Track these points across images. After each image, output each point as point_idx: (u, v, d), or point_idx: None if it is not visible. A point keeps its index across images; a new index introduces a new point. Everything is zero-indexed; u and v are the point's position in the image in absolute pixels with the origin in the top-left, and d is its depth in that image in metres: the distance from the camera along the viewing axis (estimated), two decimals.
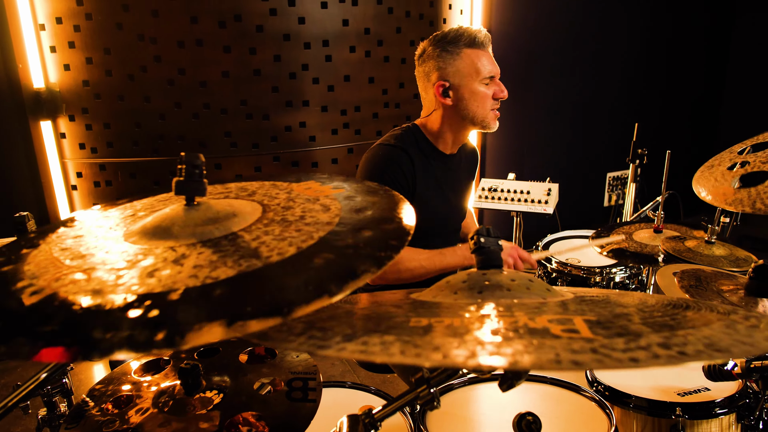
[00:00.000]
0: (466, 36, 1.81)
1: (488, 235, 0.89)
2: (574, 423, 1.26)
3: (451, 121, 1.90)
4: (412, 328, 0.62)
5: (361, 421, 0.86)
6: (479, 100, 1.84)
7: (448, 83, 1.84)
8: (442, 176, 1.97)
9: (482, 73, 1.82)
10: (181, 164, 0.83)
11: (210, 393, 1.23)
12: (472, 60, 1.81)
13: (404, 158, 1.86)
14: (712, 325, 0.63)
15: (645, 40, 4.57)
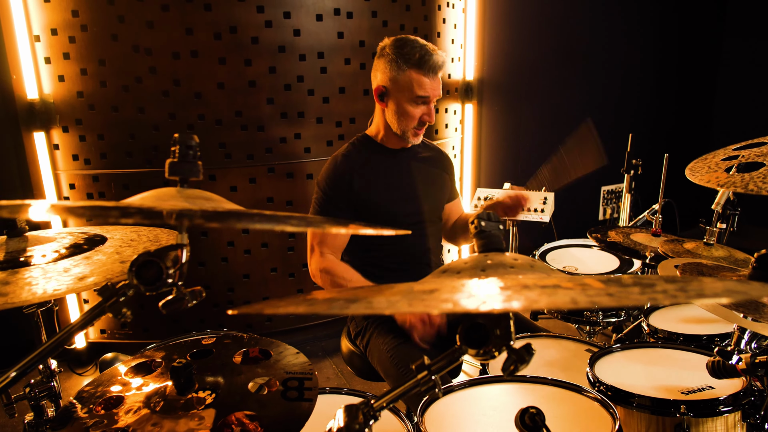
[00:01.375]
0: (417, 58, 1.87)
1: (489, 219, 0.87)
2: (577, 423, 1.23)
3: (383, 122, 2.02)
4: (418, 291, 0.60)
5: (360, 410, 0.83)
6: (404, 116, 1.95)
7: (385, 89, 1.94)
8: (389, 168, 2.05)
9: (415, 93, 1.90)
10: (174, 145, 0.81)
11: (203, 393, 1.19)
12: (412, 80, 1.89)
13: (346, 165, 1.99)
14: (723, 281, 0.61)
15: (636, 52, 4.63)
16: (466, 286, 0.65)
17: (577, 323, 2.42)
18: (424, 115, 1.95)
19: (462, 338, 0.80)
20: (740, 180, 1.31)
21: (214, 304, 3.27)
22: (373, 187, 2.00)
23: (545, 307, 0.51)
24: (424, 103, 1.93)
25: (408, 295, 0.60)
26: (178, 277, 0.81)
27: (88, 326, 0.78)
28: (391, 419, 1.43)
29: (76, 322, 0.78)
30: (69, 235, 1.30)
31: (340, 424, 0.82)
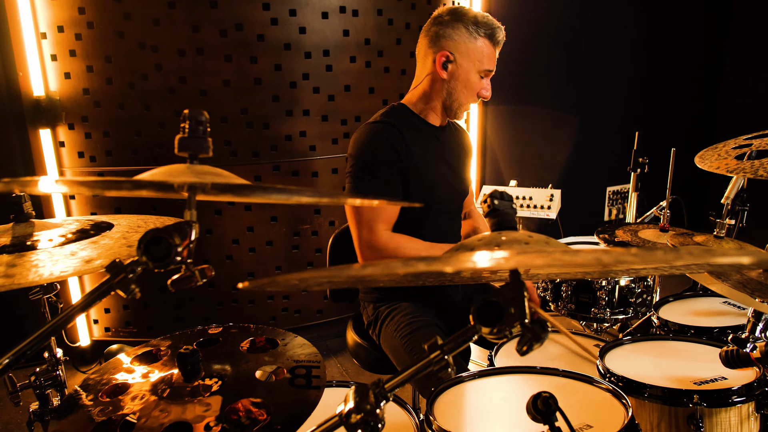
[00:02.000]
0: (489, 27, 1.83)
1: (502, 198, 0.86)
2: (589, 413, 1.21)
3: (439, 95, 1.90)
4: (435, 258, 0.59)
5: (371, 390, 0.81)
6: (469, 87, 1.86)
7: (453, 57, 1.83)
8: (436, 148, 1.94)
9: (484, 65, 1.84)
10: (184, 121, 0.80)
11: (210, 380, 1.18)
12: (483, 50, 1.83)
13: (394, 132, 1.82)
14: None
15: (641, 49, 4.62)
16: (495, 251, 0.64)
17: (584, 320, 2.41)
18: (483, 90, 1.89)
19: (476, 317, 0.79)
20: (750, 166, 1.30)
21: (218, 303, 3.26)
22: (418, 160, 1.85)
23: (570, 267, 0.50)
24: (485, 76, 1.88)
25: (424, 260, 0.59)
26: (187, 254, 0.80)
27: (95, 303, 0.77)
28: (398, 412, 1.41)
29: (85, 297, 0.77)
30: (75, 222, 1.29)
31: (351, 405, 0.80)
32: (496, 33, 1.85)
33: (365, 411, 0.79)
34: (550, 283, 2.48)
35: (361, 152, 1.82)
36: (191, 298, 3.22)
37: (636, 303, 2.36)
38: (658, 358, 1.44)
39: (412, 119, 1.92)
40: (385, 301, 1.97)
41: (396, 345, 1.84)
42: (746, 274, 1.10)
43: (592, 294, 2.36)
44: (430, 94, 1.90)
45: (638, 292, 2.35)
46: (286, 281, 0.88)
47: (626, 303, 2.37)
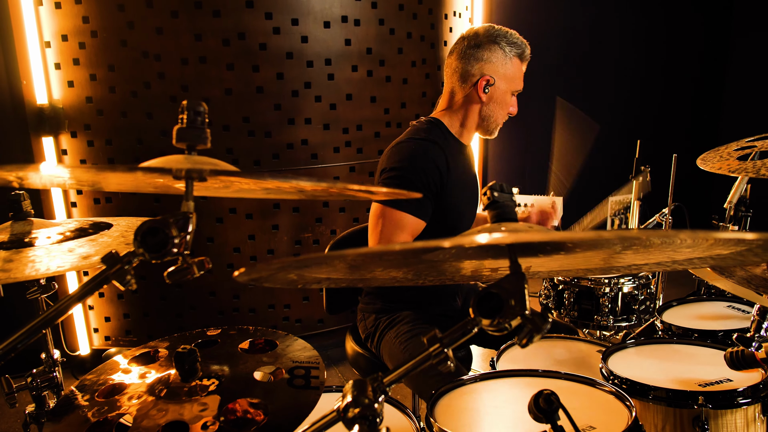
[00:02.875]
0: (520, 46, 1.86)
1: (502, 191, 0.86)
2: (592, 415, 1.19)
3: (475, 116, 1.90)
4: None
5: (370, 384, 0.80)
6: (503, 107, 1.90)
7: (493, 81, 1.83)
8: (466, 168, 1.96)
9: (517, 85, 1.89)
10: (182, 112, 0.80)
11: (207, 381, 1.17)
12: (517, 69, 1.87)
13: (438, 152, 1.81)
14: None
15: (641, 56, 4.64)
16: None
17: (586, 327, 2.38)
18: (512, 107, 1.93)
19: (475, 309, 0.78)
20: (752, 166, 1.29)
21: (219, 311, 3.25)
22: (453, 182, 1.84)
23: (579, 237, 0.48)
24: (515, 94, 1.92)
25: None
26: (184, 246, 0.80)
27: (92, 293, 0.76)
28: (398, 416, 1.39)
29: (80, 288, 0.76)
30: (75, 222, 1.29)
31: (348, 399, 0.79)
32: (525, 50, 1.88)
33: (363, 405, 0.78)
34: (552, 290, 2.46)
35: (402, 166, 1.78)
36: (192, 307, 3.21)
37: (639, 310, 2.34)
38: (662, 360, 1.42)
39: (450, 139, 1.91)
40: (386, 312, 1.95)
41: (395, 352, 1.82)
42: (750, 270, 1.09)
43: (595, 301, 2.34)
44: (467, 115, 1.91)
45: (641, 299, 2.33)
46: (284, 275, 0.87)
47: (629, 310, 2.35)
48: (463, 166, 1.94)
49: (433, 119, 1.92)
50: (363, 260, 0.84)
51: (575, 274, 1.07)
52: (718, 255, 0.85)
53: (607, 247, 0.77)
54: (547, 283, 2.48)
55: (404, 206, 1.74)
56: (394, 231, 1.74)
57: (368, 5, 3.17)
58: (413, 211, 1.75)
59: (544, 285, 2.51)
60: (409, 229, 1.76)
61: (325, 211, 3.30)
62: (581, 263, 1.03)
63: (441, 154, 1.81)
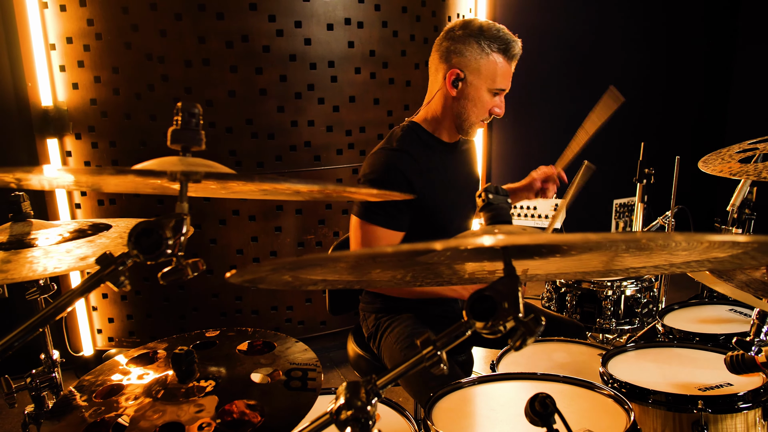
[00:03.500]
0: (502, 41, 1.74)
1: (497, 193, 0.85)
2: (591, 419, 1.18)
3: (449, 112, 1.84)
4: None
5: (363, 387, 0.80)
6: (479, 106, 1.79)
7: (463, 75, 1.76)
8: (449, 167, 1.90)
9: (497, 84, 1.77)
10: (177, 113, 0.80)
11: (204, 382, 1.17)
12: (495, 67, 1.75)
13: (408, 161, 1.79)
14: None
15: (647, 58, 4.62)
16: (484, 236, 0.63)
17: (588, 330, 2.37)
18: (495, 107, 1.80)
19: (469, 311, 0.78)
20: (753, 169, 1.28)
21: (222, 313, 3.25)
22: (432, 186, 1.81)
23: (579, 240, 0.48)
24: (498, 94, 1.80)
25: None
26: (178, 247, 0.80)
27: (85, 294, 0.76)
28: (396, 418, 1.39)
29: (75, 288, 0.76)
30: (74, 223, 1.29)
31: (341, 402, 0.79)
32: (511, 47, 1.76)
33: (356, 407, 0.78)
34: (554, 292, 2.45)
35: (373, 180, 1.79)
36: (195, 308, 3.22)
37: (642, 313, 2.32)
38: (662, 364, 1.41)
39: (426, 138, 1.87)
40: (386, 312, 1.95)
41: (395, 356, 1.82)
42: (750, 273, 1.08)
43: (597, 304, 2.33)
44: (441, 112, 1.85)
45: (644, 302, 2.32)
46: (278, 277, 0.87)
47: (632, 313, 2.34)
48: (446, 166, 1.89)
49: (411, 123, 1.90)
50: (356, 263, 0.84)
51: (573, 277, 1.06)
52: (715, 258, 0.84)
53: (601, 249, 0.76)
54: (549, 285, 2.47)
55: (378, 220, 1.76)
56: (371, 244, 1.76)
57: (371, 8, 3.18)
58: (386, 224, 1.76)
59: (547, 288, 2.50)
60: (386, 241, 1.77)
61: (328, 213, 3.30)
62: (579, 266, 1.03)
63: (411, 163, 1.78)
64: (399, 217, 1.78)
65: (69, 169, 0.76)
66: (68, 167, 2.91)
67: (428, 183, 1.81)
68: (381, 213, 1.76)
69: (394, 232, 1.78)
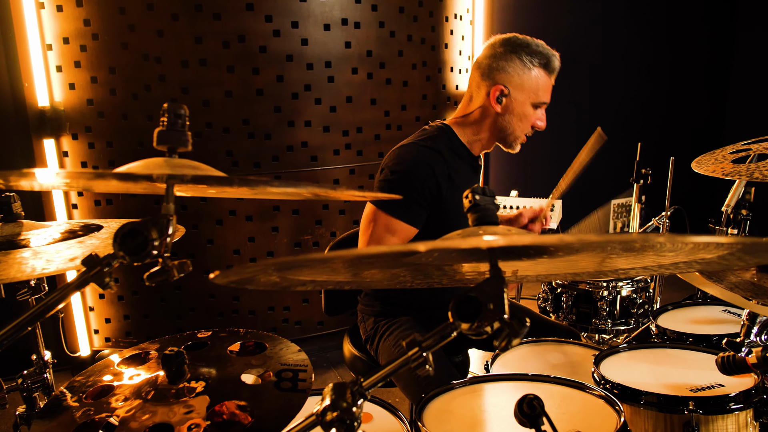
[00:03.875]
0: (545, 56, 1.80)
1: (484, 194, 0.85)
2: (581, 420, 1.18)
3: (491, 127, 1.85)
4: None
5: (349, 388, 0.80)
6: (523, 120, 1.83)
7: (507, 91, 1.78)
8: (473, 179, 1.93)
9: (539, 98, 1.81)
10: (163, 114, 0.80)
11: (195, 383, 1.17)
12: (539, 81, 1.80)
13: (440, 161, 1.77)
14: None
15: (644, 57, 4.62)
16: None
17: (584, 331, 2.37)
18: (537, 120, 1.86)
19: (454, 313, 0.78)
20: (746, 169, 1.28)
21: (219, 313, 3.25)
22: (457, 192, 1.78)
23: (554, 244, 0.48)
24: (540, 107, 1.85)
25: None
26: (164, 248, 0.80)
27: (70, 295, 0.76)
28: (389, 419, 1.39)
29: (60, 289, 0.76)
30: (66, 224, 1.29)
31: (327, 403, 0.79)
32: (552, 61, 1.82)
33: (341, 409, 0.78)
34: (550, 293, 2.45)
35: (400, 170, 1.77)
36: (192, 309, 3.22)
37: (638, 314, 2.32)
38: (654, 365, 1.41)
39: (458, 148, 1.87)
40: (385, 316, 1.94)
41: (392, 359, 1.81)
42: (740, 275, 1.08)
43: (593, 305, 2.33)
44: (481, 126, 1.86)
45: (640, 303, 2.32)
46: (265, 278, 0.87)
47: (628, 314, 2.34)
48: (468, 178, 1.90)
49: (444, 126, 1.89)
50: (344, 264, 0.84)
51: (563, 278, 1.07)
52: (702, 259, 0.84)
53: (587, 251, 0.76)
54: (545, 286, 2.47)
55: (396, 211, 1.73)
56: (384, 235, 1.73)
57: (368, 8, 3.18)
58: (404, 217, 1.74)
59: (543, 288, 2.50)
60: (400, 234, 1.74)
61: (325, 213, 3.30)
62: (568, 267, 1.02)
63: (443, 164, 1.78)
64: (419, 212, 1.76)
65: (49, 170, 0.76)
66: (49, 169, 2.91)
67: (454, 188, 1.79)
68: (402, 205, 1.74)
69: (411, 227, 1.75)
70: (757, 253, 0.75)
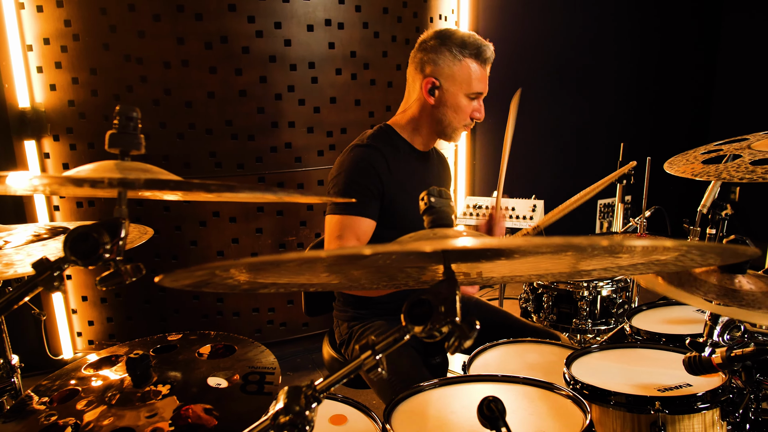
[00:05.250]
0: (474, 46, 1.78)
1: (440, 196, 0.85)
2: (548, 420, 1.18)
3: (428, 120, 1.87)
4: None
5: (303, 393, 0.79)
6: (459, 111, 1.83)
7: (438, 83, 1.79)
8: (418, 173, 1.92)
9: (472, 88, 1.80)
10: (115, 117, 0.80)
11: (162, 387, 1.16)
12: (470, 71, 1.79)
13: (377, 156, 1.81)
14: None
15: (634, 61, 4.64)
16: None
17: (565, 331, 2.38)
18: (474, 111, 1.84)
19: (406, 316, 0.78)
20: (714, 170, 1.29)
21: (203, 315, 3.24)
22: (399, 188, 1.83)
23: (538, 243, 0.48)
24: (476, 98, 1.84)
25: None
26: (116, 252, 0.79)
27: (19, 301, 0.76)
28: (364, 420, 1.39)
29: (8, 295, 0.75)
30: (35, 226, 1.29)
31: (280, 406, 0.78)
32: (483, 51, 1.80)
33: (294, 413, 0.77)
34: (531, 293, 2.46)
35: (343, 175, 1.81)
36: (175, 311, 3.20)
37: (618, 314, 2.33)
38: (625, 365, 1.42)
39: (399, 143, 1.89)
40: (358, 320, 1.95)
41: None
42: (704, 276, 1.09)
43: (573, 305, 2.33)
44: (419, 120, 1.88)
45: (620, 303, 2.33)
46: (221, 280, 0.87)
47: (608, 314, 2.34)
48: (414, 172, 1.90)
49: (384, 125, 1.92)
50: (299, 266, 0.84)
51: (528, 279, 1.07)
52: (658, 260, 0.85)
53: (536, 253, 0.76)
54: (526, 286, 2.48)
55: (349, 210, 1.78)
56: (342, 233, 1.77)
57: (352, 9, 3.17)
58: (359, 213, 1.78)
59: (524, 288, 2.50)
60: (360, 230, 1.78)
61: (309, 214, 3.29)
62: (530, 269, 1.03)
63: (380, 159, 1.81)
64: (371, 204, 1.80)
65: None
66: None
67: (395, 184, 1.82)
68: (354, 204, 1.79)
69: (368, 219, 1.79)
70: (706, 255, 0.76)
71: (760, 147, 1.43)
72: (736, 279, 1.05)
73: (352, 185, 1.79)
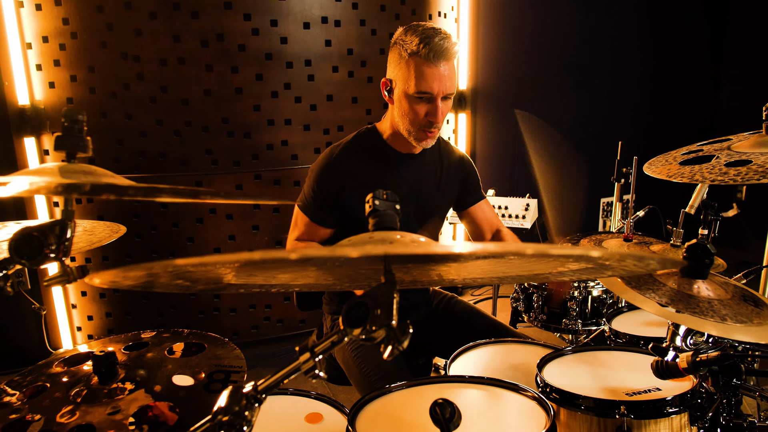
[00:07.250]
0: (417, 42, 1.61)
1: (386, 199, 0.85)
2: (513, 420, 1.18)
3: (392, 121, 1.80)
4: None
5: (245, 395, 0.80)
6: (403, 112, 1.70)
7: (389, 84, 1.74)
8: (389, 175, 1.85)
9: (418, 87, 1.63)
10: (62, 119, 0.81)
11: (127, 384, 1.18)
12: (411, 71, 1.63)
13: (345, 157, 1.81)
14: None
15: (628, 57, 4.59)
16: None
17: (556, 331, 2.36)
18: (429, 112, 1.66)
19: (344, 318, 0.78)
20: (688, 171, 1.27)
21: (200, 311, 3.27)
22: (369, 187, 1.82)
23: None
24: (427, 100, 1.65)
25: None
26: (62, 252, 0.80)
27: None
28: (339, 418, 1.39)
29: None
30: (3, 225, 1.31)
31: (221, 404, 0.79)
32: (431, 47, 1.59)
33: (233, 413, 0.78)
34: (522, 293, 2.44)
35: (309, 177, 1.88)
36: (173, 307, 3.24)
37: (608, 314, 2.31)
38: (598, 368, 1.40)
39: (379, 145, 1.84)
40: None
41: (347, 358, 1.82)
42: (660, 279, 1.07)
43: (563, 305, 2.32)
44: (392, 121, 1.80)
45: (610, 303, 2.31)
46: (167, 281, 0.87)
47: (598, 314, 2.32)
48: (389, 175, 1.83)
49: (370, 127, 1.90)
50: (241, 267, 0.84)
51: (489, 282, 1.06)
52: (605, 265, 0.84)
53: (462, 260, 0.76)
54: (517, 286, 2.46)
55: (305, 210, 1.88)
56: (293, 227, 1.92)
57: (349, 6, 3.17)
58: (311, 217, 1.87)
59: (515, 288, 2.49)
60: (308, 231, 1.88)
61: None
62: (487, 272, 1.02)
63: (344, 168, 1.80)
64: (322, 214, 1.85)
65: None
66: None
67: (363, 187, 1.73)
68: (309, 207, 1.86)
69: (318, 226, 1.87)
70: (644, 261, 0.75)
71: (739, 148, 1.41)
72: (695, 284, 1.04)
73: (310, 191, 1.86)
